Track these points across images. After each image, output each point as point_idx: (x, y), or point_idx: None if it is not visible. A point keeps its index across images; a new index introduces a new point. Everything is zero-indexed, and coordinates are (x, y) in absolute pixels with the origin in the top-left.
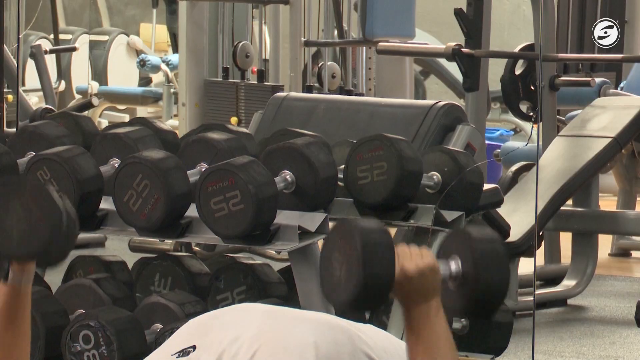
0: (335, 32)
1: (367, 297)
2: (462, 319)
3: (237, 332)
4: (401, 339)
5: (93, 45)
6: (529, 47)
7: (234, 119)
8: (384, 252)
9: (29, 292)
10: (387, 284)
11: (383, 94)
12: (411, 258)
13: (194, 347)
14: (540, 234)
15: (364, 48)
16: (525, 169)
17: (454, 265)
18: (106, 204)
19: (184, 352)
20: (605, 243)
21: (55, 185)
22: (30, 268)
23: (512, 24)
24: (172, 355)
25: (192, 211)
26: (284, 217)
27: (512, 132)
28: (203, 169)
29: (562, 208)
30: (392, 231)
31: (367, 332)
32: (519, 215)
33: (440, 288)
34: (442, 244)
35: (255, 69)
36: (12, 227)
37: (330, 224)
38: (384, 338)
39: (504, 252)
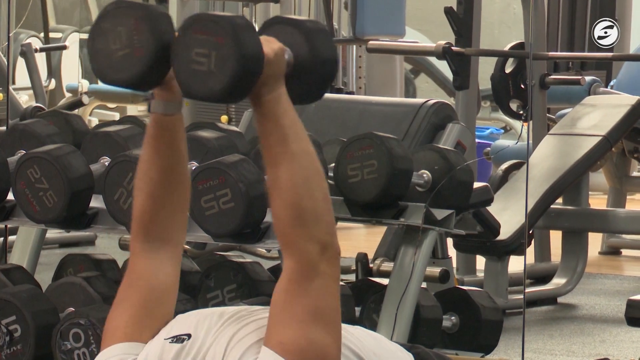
0: None
1: (243, 80)
2: (452, 317)
3: (234, 328)
4: (391, 339)
5: (83, 43)
6: (519, 46)
7: (224, 118)
8: (253, 34)
9: (175, 119)
10: (259, 64)
11: (373, 92)
12: (264, 43)
13: (189, 336)
14: (531, 232)
15: (354, 46)
16: (516, 167)
17: (286, 53)
18: (96, 202)
19: (178, 339)
20: (595, 241)
21: (45, 184)
22: (170, 97)
23: (503, 22)
24: (165, 339)
25: None
26: None
27: (502, 131)
28: (193, 168)
29: (552, 206)
30: (382, 229)
31: (354, 333)
32: (509, 213)
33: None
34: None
35: None
36: (115, 52)
37: None
38: (373, 341)
39: (325, 27)
